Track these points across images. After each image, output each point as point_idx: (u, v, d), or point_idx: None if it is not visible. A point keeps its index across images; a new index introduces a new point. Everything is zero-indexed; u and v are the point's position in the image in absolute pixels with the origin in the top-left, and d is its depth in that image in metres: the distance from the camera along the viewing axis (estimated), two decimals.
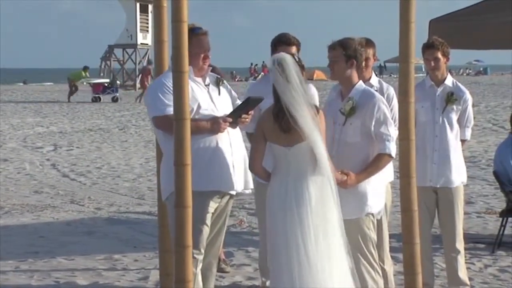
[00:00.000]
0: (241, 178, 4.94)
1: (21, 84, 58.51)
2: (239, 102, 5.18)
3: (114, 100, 31.75)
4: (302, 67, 4.69)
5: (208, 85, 4.99)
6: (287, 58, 4.61)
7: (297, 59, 4.66)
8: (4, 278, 6.71)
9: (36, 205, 10.43)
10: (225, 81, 5.14)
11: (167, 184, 4.85)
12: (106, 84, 34.09)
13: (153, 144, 14.50)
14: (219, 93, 5.01)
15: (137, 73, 43.77)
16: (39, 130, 21.04)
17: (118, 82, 37.01)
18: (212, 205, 4.89)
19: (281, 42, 5.83)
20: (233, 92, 5.22)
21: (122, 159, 15.18)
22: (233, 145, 4.90)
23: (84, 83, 36.28)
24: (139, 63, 43.95)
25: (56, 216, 9.70)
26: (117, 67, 46.15)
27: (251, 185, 5.04)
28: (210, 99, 4.93)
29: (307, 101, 4.57)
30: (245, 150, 5.04)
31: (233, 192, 4.97)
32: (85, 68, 38.26)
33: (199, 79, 4.94)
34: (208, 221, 4.87)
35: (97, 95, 32.71)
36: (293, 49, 5.81)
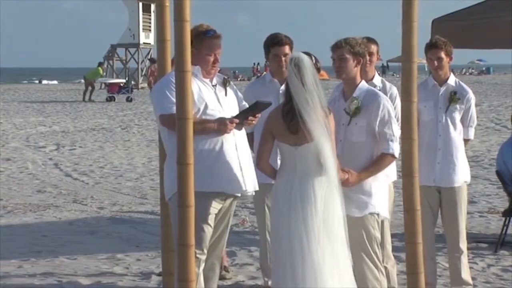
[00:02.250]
0: (245, 179, 4.92)
1: (37, 82, 58.50)
2: (245, 103, 5.17)
3: (129, 100, 31.64)
4: (318, 69, 4.70)
5: (215, 85, 5.00)
6: (305, 59, 4.60)
7: (313, 60, 4.66)
8: (7, 277, 6.71)
9: (39, 205, 10.44)
10: (231, 82, 5.14)
11: (170, 184, 4.84)
12: (121, 84, 34.04)
13: (155, 143, 14.50)
14: (225, 94, 5.01)
15: (140, 72, 43.80)
16: (42, 129, 21.05)
17: (133, 82, 36.89)
18: (216, 206, 4.89)
19: (274, 43, 5.84)
20: (239, 93, 5.23)
21: (125, 159, 15.18)
22: (238, 146, 4.90)
23: (98, 81, 36.23)
24: (141, 63, 43.97)
25: (58, 216, 9.72)
26: (119, 67, 46.18)
27: (256, 187, 5.03)
28: (216, 99, 4.93)
29: (320, 104, 4.57)
30: (250, 151, 5.04)
31: (238, 194, 4.96)
32: (100, 64, 38.22)
33: (207, 80, 4.95)
34: (212, 221, 4.87)
35: (112, 95, 32.63)
36: (286, 48, 5.81)
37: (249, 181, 4.93)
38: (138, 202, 10.64)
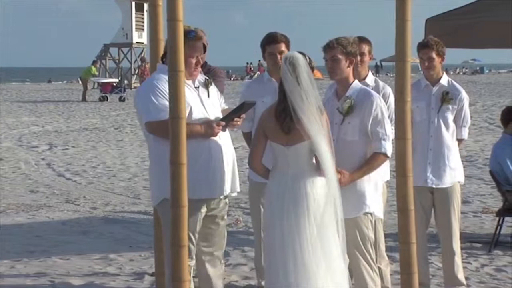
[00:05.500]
0: (229, 181, 4.92)
1: (46, 83, 58.20)
2: (222, 101, 5.13)
3: (121, 99, 31.50)
4: (312, 68, 4.68)
5: (198, 87, 4.93)
6: (300, 58, 4.59)
7: (308, 59, 4.64)
8: None
9: (32, 205, 10.38)
10: (212, 82, 5.06)
11: (157, 190, 4.83)
12: (114, 84, 33.89)
13: None
14: (208, 95, 4.96)
15: (133, 72, 43.65)
16: (34, 129, 20.96)
17: (126, 82, 36.72)
18: (203, 211, 4.86)
19: (269, 42, 5.84)
20: (219, 92, 5.18)
21: (118, 158, 15.12)
22: (223, 148, 4.87)
23: (91, 81, 36.06)
24: (134, 62, 43.83)
25: (51, 216, 9.67)
26: (112, 66, 46.04)
27: (238, 188, 5.02)
28: (200, 102, 4.87)
29: (316, 103, 4.56)
30: (234, 152, 5.01)
31: (222, 197, 4.94)
32: (94, 62, 38.02)
33: (189, 82, 4.87)
34: (198, 227, 4.85)
35: (104, 95, 32.47)
36: (282, 46, 5.81)
37: (232, 182, 4.93)
38: (131, 202, 10.59)
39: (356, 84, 4.95)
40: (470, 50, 38.75)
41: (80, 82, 38.82)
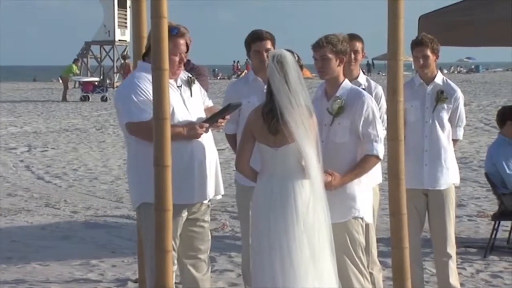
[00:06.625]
0: (212, 185, 4.84)
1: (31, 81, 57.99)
2: (206, 98, 5.03)
3: (103, 99, 31.36)
4: (301, 67, 4.59)
5: (180, 86, 4.84)
6: (287, 56, 4.50)
7: (296, 58, 4.55)
8: None
9: (10, 209, 10.23)
10: (196, 80, 4.96)
11: (136, 194, 4.74)
12: (96, 83, 33.68)
13: None
14: (191, 94, 4.86)
15: (115, 70, 43.39)
16: (13, 130, 20.78)
17: (108, 81, 36.53)
18: (184, 216, 4.78)
19: (255, 39, 5.75)
20: (202, 89, 5.09)
21: (100, 160, 14.99)
22: (206, 151, 4.79)
23: (72, 80, 35.86)
24: (117, 60, 43.55)
25: (30, 220, 9.54)
26: (94, 65, 45.78)
27: (222, 191, 4.96)
28: (182, 102, 4.78)
29: (304, 103, 4.47)
30: (217, 154, 4.93)
31: (206, 201, 4.88)
32: (75, 61, 37.81)
33: (172, 81, 4.75)
34: (179, 232, 4.76)
35: (86, 94, 32.29)
36: (268, 43, 5.72)
37: (215, 185, 4.86)
38: (114, 206, 10.48)
39: (346, 83, 4.87)
40: (465, 48, 38.80)
41: (60, 81, 38.56)
